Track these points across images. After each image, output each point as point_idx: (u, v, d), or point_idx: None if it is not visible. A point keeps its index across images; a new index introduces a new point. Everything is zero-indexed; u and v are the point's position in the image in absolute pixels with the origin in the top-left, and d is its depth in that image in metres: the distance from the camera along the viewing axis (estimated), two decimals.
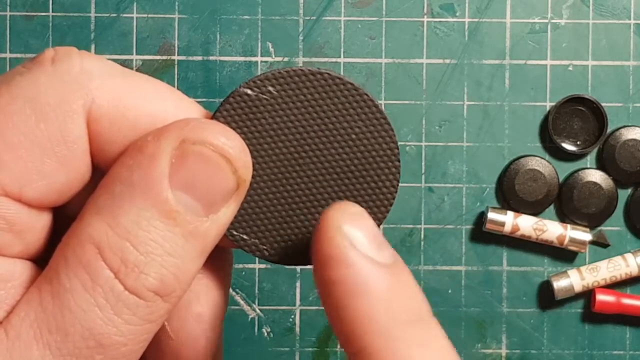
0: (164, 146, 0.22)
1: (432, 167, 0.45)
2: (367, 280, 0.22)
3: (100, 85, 0.22)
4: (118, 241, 0.21)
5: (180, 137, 0.22)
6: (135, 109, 0.22)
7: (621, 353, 0.45)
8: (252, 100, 0.23)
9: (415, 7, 0.45)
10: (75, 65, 0.22)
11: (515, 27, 0.45)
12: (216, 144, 0.22)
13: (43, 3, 0.44)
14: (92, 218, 0.21)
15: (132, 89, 0.22)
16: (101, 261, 0.21)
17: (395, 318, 0.22)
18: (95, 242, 0.21)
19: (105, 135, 0.22)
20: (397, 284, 0.22)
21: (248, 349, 0.45)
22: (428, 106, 0.45)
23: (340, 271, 0.22)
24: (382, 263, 0.22)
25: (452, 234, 0.45)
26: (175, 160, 0.21)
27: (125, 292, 0.21)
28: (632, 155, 0.44)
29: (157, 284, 0.21)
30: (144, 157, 0.21)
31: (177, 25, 0.45)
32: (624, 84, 0.45)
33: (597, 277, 0.44)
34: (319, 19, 0.45)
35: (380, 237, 0.23)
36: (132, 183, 0.21)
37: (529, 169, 0.44)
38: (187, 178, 0.22)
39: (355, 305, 0.22)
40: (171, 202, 0.21)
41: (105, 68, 0.22)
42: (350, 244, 0.22)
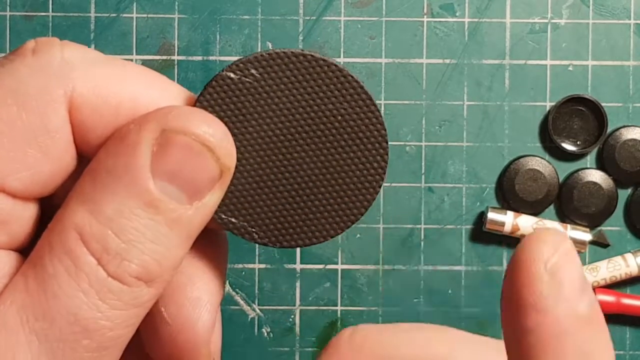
0: (145, 135, 0.22)
1: (432, 167, 0.45)
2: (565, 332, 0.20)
3: (82, 74, 0.22)
4: (100, 229, 0.21)
5: (161, 125, 0.22)
6: (117, 95, 0.22)
7: (621, 353, 0.45)
8: (235, 84, 0.23)
9: (415, 7, 0.45)
10: (56, 55, 0.22)
11: (515, 27, 0.45)
12: (198, 133, 0.22)
13: (43, 3, 0.44)
14: (76, 205, 0.21)
15: (115, 76, 0.22)
16: (84, 247, 0.21)
17: None
18: (78, 230, 0.21)
19: (88, 123, 0.22)
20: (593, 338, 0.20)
21: (248, 349, 0.45)
22: (428, 106, 0.45)
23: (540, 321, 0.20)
24: (583, 314, 0.20)
25: (452, 234, 0.45)
26: (157, 149, 0.21)
27: (108, 278, 0.21)
28: (632, 155, 0.44)
29: (140, 270, 0.21)
30: (126, 145, 0.21)
31: (177, 25, 0.45)
32: (624, 84, 0.45)
33: (597, 277, 0.44)
34: (319, 19, 0.45)
35: (583, 281, 0.20)
36: (115, 171, 0.21)
37: (529, 169, 0.44)
38: (169, 167, 0.22)
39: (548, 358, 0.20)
40: (153, 191, 0.21)
41: (87, 56, 0.22)
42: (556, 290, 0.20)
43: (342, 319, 0.45)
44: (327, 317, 0.45)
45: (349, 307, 0.45)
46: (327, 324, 0.45)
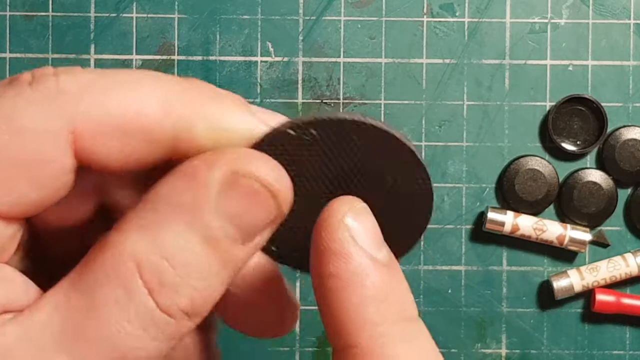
0: (215, 174, 0.22)
1: (432, 167, 0.45)
2: (363, 276, 0.22)
3: (80, 102, 0.22)
4: (158, 260, 0.21)
5: (231, 167, 0.22)
6: (119, 116, 0.22)
7: (621, 353, 0.45)
8: (293, 139, 0.24)
9: (415, 7, 0.45)
10: (52, 85, 0.22)
11: (515, 27, 0.45)
12: (266, 179, 0.23)
13: (43, 3, 0.44)
14: (133, 234, 0.22)
15: (112, 95, 0.22)
16: (138, 278, 0.21)
17: (385, 316, 0.22)
18: (135, 259, 0.21)
19: (96, 148, 0.22)
20: (390, 283, 0.23)
21: (248, 349, 0.45)
22: (428, 106, 0.45)
23: (338, 264, 0.22)
24: (379, 261, 0.23)
25: (452, 234, 0.45)
26: (224, 189, 0.22)
27: (157, 310, 0.21)
28: (632, 155, 0.44)
29: (188, 304, 0.22)
30: (194, 182, 0.22)
31: (177, 25, 0.45)
32: (624, 84, 0.45)
33: (597, 277, 0.44)
34: (319, 18, 0.45)
35: (380, 235, 0.23)
36: (178, 205, 0.22)
37: (529, 168, 0.44)
38: (232, 208, 0.22)
39: (349, 300, 0.22)
40: (214, 230, 0.22)
41: (83, 82, 0.22)
42: (352, 238, 0.22)
43: None
44: None
45: None
46: None
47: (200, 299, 0.22)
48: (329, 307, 0.23)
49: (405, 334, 0.22)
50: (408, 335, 0.22)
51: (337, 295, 0.22)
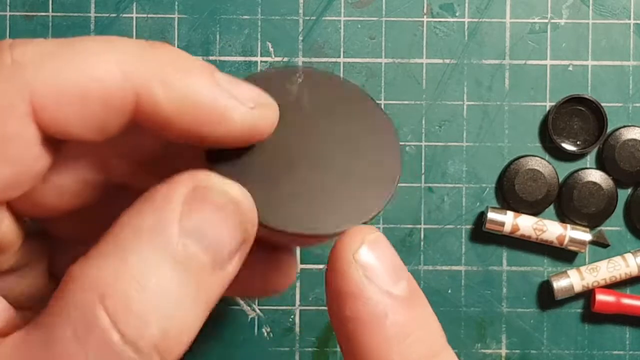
0: (177, 190, 0.21)
1: (431, 167, 0.45)
2: (383, 316, 0.21)
3: (36, 72, 0.21)
4: (124, 287, 0.19)
5: (193, 182, 0.21)
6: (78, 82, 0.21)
7: (621, 353, 0.45)
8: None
9: (415, 7, 0.45)
10: (5, 58, 0.21)
11: (515, 27, 0.45)
12: (230, 193, 0.21)
13: (43, 3, 0.44)
14: (98, 261, 0.20)
15: (69, 62, 0.21)
16: (101, 309, 0.19)
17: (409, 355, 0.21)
18: (98, 288, 0.19)
19: (58, 117, 0.21)
20: (412, 319, 0.21)
21: (248, 349, 0.45)
22: (428, 106, 0.45)
23: (356, 307, 0.21)
24: (398, 296, 0.21)
25: (452, 234, 0.45)
26: (187, 205, 0.21)
27: (123, 345, 0.19)
28: (632, 155, 0.44)
29: (160, 336, 0.19)
30: (157, 203, 0.21)
31: (177, 25, 0.45)
32: (624, 84, 0.45)
33: (597, 277, 0.44)
34: (319, 19, 0.45)
35: (397, 264, 0.22)
36: (142, 228, 0.20)
37: (529, 169, 0.44)
38: (197, 225, 0.21)
39: (370, 342, 0.21)
40: (182, 249, 0.20)
41: (38, 51, 0.21)
42: (366, 277, 0.21)
43: None
44: (327, 317, 0.45)
45: None
46: (327, 324, 0.45)
47: (173, 331, 0.20)
48: (351, 349, 0.21)
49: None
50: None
51: (357, 338, 0.21)
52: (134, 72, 0.21)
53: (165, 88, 0.21)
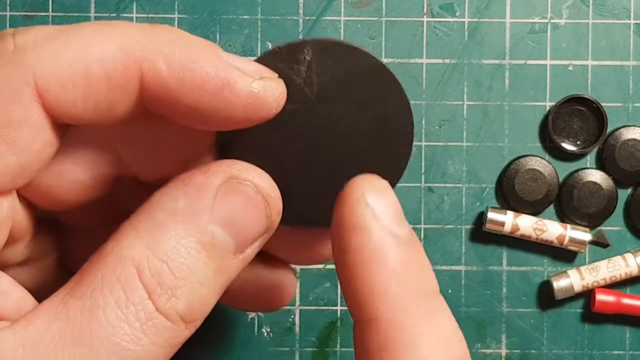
0: (212, 180, 0.22)
1: (432, 167, 0.45)
2: (385, 251, 0.22)
3: (37, 56, 0.21)
4: (157, 263, 0.21)
5: (227, 174, 0.23)
6: (80, 63, 0.22)
7: (621, 353, 0.45)
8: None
9: (415, 7, 0.45)
10: (8, 45, 0.22)
11: (515, 27, 0.45)
12: (261, 185, 0.23)
13: (43, 3, 0.44)
14: (132, 240, 0.22)
15: (69, 44, 0.22)
16: (138, 281, 0.21)
17: (407, 289, 0.22)
18: (135, 263, 0.21)
19: (64, 100, 0.22)
20: (412, 258, 0.23)
21: (248, 349, 0.45)
22: (428, 106, 0.45)
23: (361, 239, 0.22)
24: (400, 236, 0.23)
25: (452, 234, 0.45)
26: (220, 195, 0.22)
27: (156, 312, 0.21)
28: (632, 155, 0.44)
29: (186, 309, 0.22)
30: (191, 188, 0.22)
31: (177, 25, 0.45)
32: (624, 84, 0.45)
33: (597, 277, 0.44)
34: (319, 19, 0.45)
35: (401, 212, 0.23)
36: (176, 211, 0.22)
37: (529, 168, 0.44)
38: (227, 214, 0.22)
39: (371, 274, 0.22)
40: (211, 235, 0.22)
41: (40, 36, 0.22)
42: (373, 214, 0.22)
43: (342, 319, 0.45)
44: (327, 317, 0.45)
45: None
46: (327, 324, 0.45)
47: (197, 305, 0.22)
48: (351, 281, 0.23)
49: (425, 308, 0.23)
50: (428, 309, 0.23)
51: (359, 270, 0.22)
52: (134, 48, 0.22)
53: (168, 61, 0.22)
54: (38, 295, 0.24)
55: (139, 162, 0.25)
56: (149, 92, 0.22)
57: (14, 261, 0.25)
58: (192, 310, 0.22)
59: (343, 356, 0.45)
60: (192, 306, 0.22)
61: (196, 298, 0.22)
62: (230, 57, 0.23)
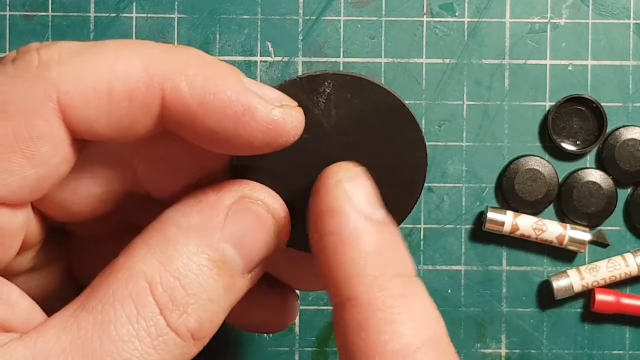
0: (224, 199, 0.23)
1: (432, 167, 0.45)
2: (362, 233, 0.23)
3: (61, 71, 0.21)
4: (170, 279, 0.22)
5: (240, 193, 0.23)
6: (103, 79, 0.22)
7: (621, 353, 0.45)
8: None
9: (415, 7, 0.45)
10: (33, 60, 0.22)
11: (515, 27, 0.45)
12: (271, 206, 0.23)
13: (43, 3, 0.44)
14: (145, 256, 0.22)
15: (93, 61, 0.22)
16: (150, 296, 0.21)
17: (384, 271, 0.23)
18: (147, 278, 0.21)
19: (86, 115, 0.22)
20: (388, 241, 0.23)
21: (248, 349, 0.45)
22: (428, 106, 0.45)
23: (338, 222, 0.23)
24: (376, 220, 0.23)
25: (452, 234, 0.45)
26: (232, 214, 0.23)
27: (167, 328, 0.21)
28: (632, 155, 0.44)
29: (197, 326, 0.22)
30: (204, 206, 0.23)
31: (177, 25, 0.45)
32: (624, 84, 0.45)
33: (597, 277, 0.44)
34: (319, 18, 0.45)
35: (376, 198, 0.24)
36: (189, 228, 0.22)
37: (529, 169, 0.44)
38: (238, 233, 0.23)
39: (348, 256, 0.23)
40: (222, 253, 0.22)
41: (64, 52, 0.22)
42: (349, 198, 0.23)
43: None
44: (327, 317, 0.45)
45: None
46: (327, 324, 0.45)
47: (207, 322, 0.22)
48: (329, 264, 0.23)
49: (402, 289, 0.23)
50: (406, 289, 0.23)
51: (336, 252, 0.23)
52: (158, 68, 0.22)
53: (190, 84, 0.22)
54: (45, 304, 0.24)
55: (154, 180, 0.25)
56: (170, 113, 0.22)
57: (23, 269, 0.25)
58: (202, 328, 0.22)
59: None
60: (203, 323, 0.22)
61: (207, 315, 0.22)
62: (252, 83, 0.23)
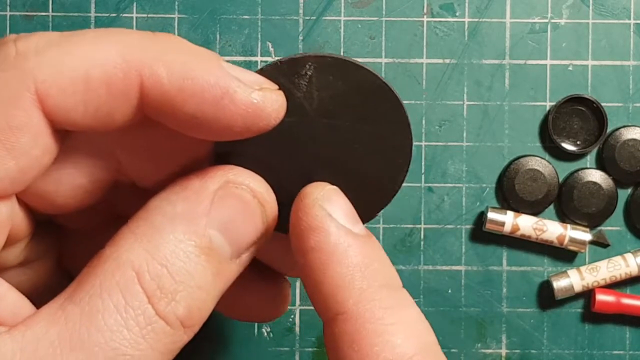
0: (209, 185, 0.23)
1: (432, 167, 0.45)
2: (345, 247, 0.23)
3: (37, 61, 0.21)
4: (157, 267, 0.21)
5: (224, 178, 0.23)
6: (80, 68, 0.22)
7: (621, 353, 0.45)
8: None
9: (415, 7, 0.45)
10: (10, 51, 0.22)
11: (515, 27, 0.45)
12: (257, 190, 0.23)
13: (43, 3, 0.44)
14: (131, 245, 0.22)
15: (70, 50, 0.22)
16: (138, 285, 0.21)
17: (370, 282, 0.23)
18: (134, 267, 0.21)
19: (64, 104, 0.22)
20: (372, 253, 0.23)
21: (248, 349, 0.45)
22: (428, 106, 0.45)
23: (319, 238, 0.23)
24: (357, 233, 0.23)
25: (452, 234, 0.45)
26: (217, 199, 0.22)
27: (155, 316, 0.21)
28: (632, 155, 0.44)
29: (185, 313, 0.22)
30: (189, 193, 0.22)
31: (177, 25, 0.45)
32: (624, 84, 0.45)
33: (597, 277, 0.44)
34: (319, 18, 0.45)
35: (354, 214, 0.24)
36: (174, 216, 0.22)
37: (529, 168, 0.44)
38: (224, 218, 0.23)
39: (334, 270, 0.23)
40: (209, 239, 0.22)
41: (42, 42, 0.22)
42: (328, 215, 0.23)
43: None
44: None
45: None
46: None
47: (196, 310, 0.22)
48: (315, 280, 0.23)
49: (391, 300, 0.23)
50: (394, 300, 0.23)
51: (321, 268, 0.23)
52: (135, 55, 0.22)
53: (168, 68, 0.22)
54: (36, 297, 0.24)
55: (137, 168, 0.25)
56: (149, 99, 0.22)
57: (12, 263, 0.25)
58: (191, 315, 0.22)
59: None
60: (192, 310, 0.22)
61: (195, 302, 0.22)
62: (230, 67, 0.23)
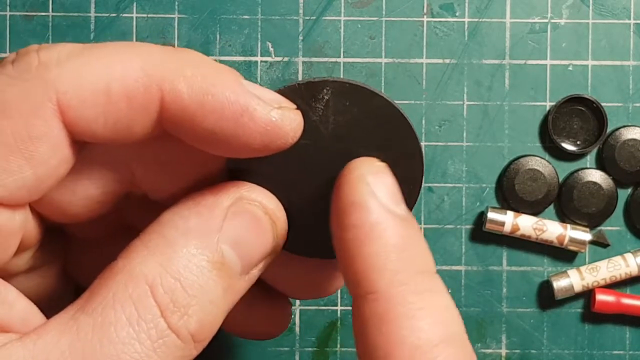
0: (222, 200, 0.23)
1: (432, 167, 0.45)
2: (384, 227, 0.23)
3: (60, 72, 0.22)
4: (170, 281, 0.21)
5: (237, 194, 0.23)
6: (101, 80, 0.22)
7: (621, 353, 0.45)
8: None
9: (415, 7, 0.45)
10: (33, 61, 0.22)
11: (515, 27, 0.45)
12: (269, 207, 0.24)
13: (43, 3, 0.44)
14: (144, 257, 0.22)
15: (92, 62, 0.22)
16: (151, 298, 0.21)
17: (406, 266, 0.23)
18: (148, 280, 0.21)
19: (84, 116, 0.22)
20: (410, 235, 0.23)
21: (248, 349, 0.45)
22: (428, 106, 0.45)
23: (360, 215, 0.23)
24: (399, 214, 0.23)
25: (452, 234, 0.45)
26: (230, 215, 0.23)
27: (167, 330, 0.21)
28: (632, 155, 0.44)
29: (197, 327, 0.22)
30: (202, 208, 0.23)
31: (177, 25, 0.45)
32: (624, 84, 0.45)
33: (597, 277, 0.44)
34: (319, 18, 0.45)
35: (399, 193, 0.24)
36: (187, 230, 0.22)
37: (529, 168, 0.44)
38: (236, 234, 0.23)
39: (370, 249, 0.22)
40: (221, 254, 0.22)
41: (63, 53, 0.22)
42: (372, 192, 0.23)
43: (342, 319, 0.45)
44: (327, 317, 0.45)
45: (348, 307, 0.45)
46: (327, 324, 0.45)
47: (207, 324, 0.22)
48: (350, 256, 0.23)
49: (423, 285, 0.23)
50: (426, 286, 0.23)
51: (358, 245, 0.23)
52: (156, 69, 0.22)
53: (189, 84, 0.22)
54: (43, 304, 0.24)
55: (151, 181, 0.25)
56: (169, 114, 0.22)
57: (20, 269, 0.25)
58: (202, 329, 0.22)
59: (343, 356, 0.45)
60: (203, 325, 0.22)
61: (207, 317, 0.22)
62: (250, 85, 0.23)
